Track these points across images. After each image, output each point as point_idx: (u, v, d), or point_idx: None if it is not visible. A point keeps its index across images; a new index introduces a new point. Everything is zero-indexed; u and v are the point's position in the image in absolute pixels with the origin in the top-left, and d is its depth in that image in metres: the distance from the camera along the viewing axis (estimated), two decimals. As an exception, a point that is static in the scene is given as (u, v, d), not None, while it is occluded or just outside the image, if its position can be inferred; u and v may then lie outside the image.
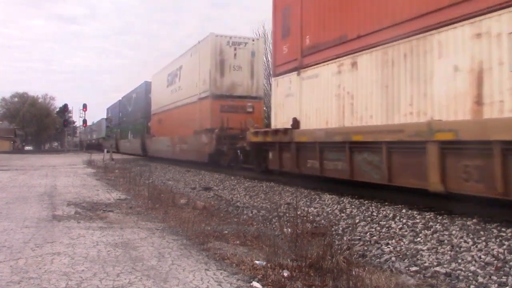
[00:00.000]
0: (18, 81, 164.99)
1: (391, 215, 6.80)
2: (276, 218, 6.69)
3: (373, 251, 5.19)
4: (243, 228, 6.20)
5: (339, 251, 4.58)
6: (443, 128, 6.36)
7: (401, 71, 7.56)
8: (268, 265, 4.21)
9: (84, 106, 40.96)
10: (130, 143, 33.45)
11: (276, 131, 11.28)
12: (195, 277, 3.93)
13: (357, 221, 6.75)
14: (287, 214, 6.83)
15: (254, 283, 3.77)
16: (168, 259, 4.52)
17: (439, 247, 5.07)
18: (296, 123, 10.72)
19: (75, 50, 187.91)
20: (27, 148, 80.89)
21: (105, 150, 31.82)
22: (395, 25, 7.68)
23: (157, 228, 6.21)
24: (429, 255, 4.83)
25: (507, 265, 4.34)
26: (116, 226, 6.29)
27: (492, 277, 4.10)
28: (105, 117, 49.33)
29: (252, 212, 8.03)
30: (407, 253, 5.00)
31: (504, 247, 4.82)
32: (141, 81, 31.34)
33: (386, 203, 7.77)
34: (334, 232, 6.04)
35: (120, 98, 39.23)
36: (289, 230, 5.24)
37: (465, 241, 5.17)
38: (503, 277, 4.08)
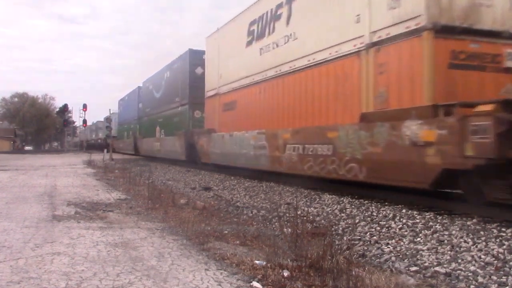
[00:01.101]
0: (18, 81, 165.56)
1: (391, 215, 6.81)
2: (276, 218, 6.69)
3: (373, 251, 5.19)
4: (243, 228, 6.20)
5: (339, 251, 4.58)
6: None
7: None
8: (268, 265, 4.21)
9: (84, 106, 40.78)
10: (161, 142, 23.71)
11: None
12: (195, 277, 3.93)
13: (357, 221, 6.75)
14: (287, 214, 6.83)
15: (254, 283, 3.77)
16: (168, 259, 4.52)
17: (439, 247, 5.07)
18: None
19: (75, 50, 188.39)
20: (27, 148, 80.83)
21: (105, 150, 31.74)
22: None
23: (157, 228, 6.21)
24: (429, 255, 4.83)
25: (507, 265, 4.34)
26: (116, 226, 6.28)
27: (492, 277, 4.10)
28: (117, 111, 42.25)
29: (252, 212, 8.03)
30: (407, 253, 5.00)
31: (504, 247, 4.82)
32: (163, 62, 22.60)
33: (386, 203, 7.77)
34: (334, 232, 6.04)
35: (140, 85, 30.44)
36: (289, 230, 5.24)
37: (465, 241, 5.17)
38: (503, 277, 4.08)
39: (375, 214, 7.06)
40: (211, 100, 17.10)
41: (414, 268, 4.49)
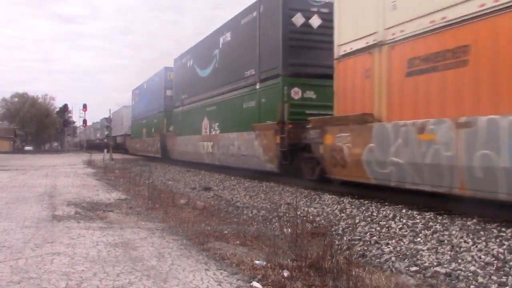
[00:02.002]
0: (18, 81, 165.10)
1: (391, 215, 6.81)
2: (276, 218, 6.69)
3: (373, 251, 5.19)
4: (243, 228, 6.20)
5: (339, 251, 4.58)
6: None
7: None
8: (268, 265, 4.21)
9: (84, 106, 40.74)
10: (215, 142, 15.66)
11: None
12: (195, 277, 3.93)
13: (357, 221, 6.75)
14: (287, 214, 6.83)
15: (254, 283, 3.77)
16: (168, 259, 4.52)
17: (439, 247, 5.07)
18: None
19: (75, 50, 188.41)
20: (27, 148, 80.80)
21: (105, 150, 31.74)
22: None
23: (157, 228, 6.21)
24: (429, 255, 4.83)
25: (507, 265, 4.34)
26: (116, 226, 6.29)
27: (492, 277, 4.10)
28: (130, 104, 35.43)
29: (252, 212, 8.03)
30: (407, 253, 5.00)
31: (504, 247, 4.82)
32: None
33: (386, 203, 7.77)
34: (334, 232, 6.04)
35: (167, 65, 23.44)
36: (289, 230, 5.24)
37: (465, 241, 5.17)
38: (503, 277, 4.08)
39: (375, 214, 7.06)
40: (357, 60, 8.82)
41: (414, 268, 4.49)
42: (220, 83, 15.61)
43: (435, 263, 4.58)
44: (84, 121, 41.60)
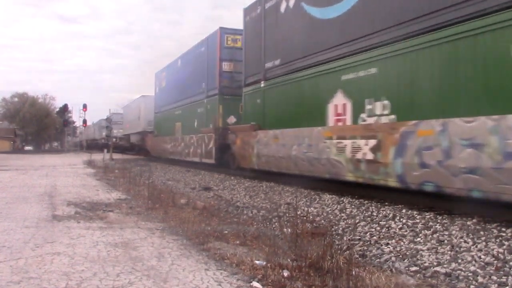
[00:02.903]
0: (18, 81, 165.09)
1: (391, 215, 6.81)
2: (276, 218, 6.69)
3: (373, 251, 5.19)
4: (243, 228, 6.20)
5: (339, 251, 4.58)
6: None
7: None
8: (268, 265, 4.20)
9: (84, 106, 40.75)
10: (388, 140, 7.39)
11: None
12: (195, 277, 3.93)
13: (357, 221, 6.75)
14: (287, 214, 6.83)
15: (254, 283, 3.77)
16: (168, 259, 4.52)
17: (439, 247, 5.07)
18: None
19: (76, 50, 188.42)
20: (27, 148, 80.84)
21: (105, 150, 31.76)
22: None
23: (157, 228, 6.21)
24: (429, 255, 4.83)
25: (507, 265, 4.35)
26: (116, 226, 6.29)
27: (492, 277, 4.10)
28: (144, 95, 30.36)
29: (252, 212, 8.03)
30: (407, 253, 5.00)
31: (504, 247, 4.82)
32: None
33: (386, 203, 7.77)
34: (334, 232, 6.04)
35: (223, 25, 16.82)
36: (289, 230, 5.24)
37: (465, 241, 5.18)
38: (503, 277, 4.08)
39: (375, 214, 7.07)
40: None
41: (414, 268, 4.49)
42: (394, 20, 7.66)
43: (435, 263, 4.58)
44: (84, 121, 41.64)
